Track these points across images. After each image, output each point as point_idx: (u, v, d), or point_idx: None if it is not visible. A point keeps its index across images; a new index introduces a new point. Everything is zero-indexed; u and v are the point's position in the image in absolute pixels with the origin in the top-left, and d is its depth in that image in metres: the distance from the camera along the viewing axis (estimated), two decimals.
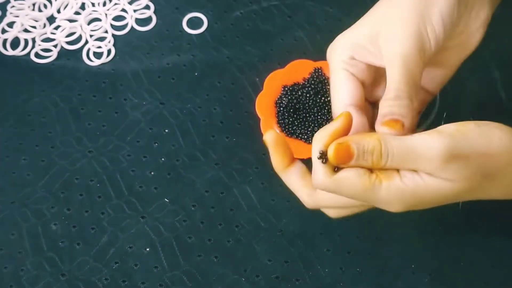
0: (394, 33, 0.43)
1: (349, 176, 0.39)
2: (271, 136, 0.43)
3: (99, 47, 0.66)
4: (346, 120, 0.40)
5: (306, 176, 0.44)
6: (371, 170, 0.40)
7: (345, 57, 0.46)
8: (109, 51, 0.66)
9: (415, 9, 0.43)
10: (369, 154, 0.38)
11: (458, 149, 0.38)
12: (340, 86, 0.46)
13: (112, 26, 0.68)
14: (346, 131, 0.40)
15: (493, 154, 0.39)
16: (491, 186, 0.40)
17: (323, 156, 0.39)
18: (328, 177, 0.39)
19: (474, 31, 0.47)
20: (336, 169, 0.40)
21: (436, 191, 0.39)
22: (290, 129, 0.58)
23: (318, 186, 0.41)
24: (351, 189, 0.40)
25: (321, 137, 0.40)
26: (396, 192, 0.39)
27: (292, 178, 0.44)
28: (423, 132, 0.39)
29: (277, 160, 0.44)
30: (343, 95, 0.45)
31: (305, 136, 0.58)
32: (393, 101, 0.42)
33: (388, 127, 0.40)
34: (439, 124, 0.41)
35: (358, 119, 0.44)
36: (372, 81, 0.48)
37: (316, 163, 0.40)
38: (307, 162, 0.44)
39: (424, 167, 0.39)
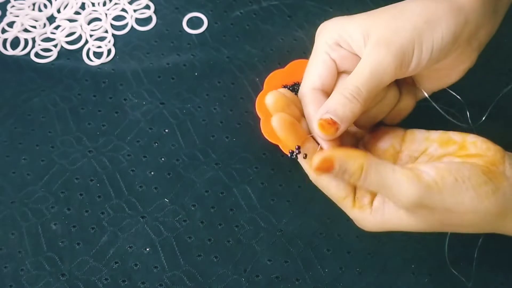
0: (385, 38, 0.44)
1: (327, 185, 0.44)
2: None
3: (99, 47, 0.66)
4: (282, 125, 0.43)
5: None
6: None
7: (330, 40, 0.46)
8: (109, 51, 0.66)
9: (414, 31, 0.44)
10: (347, 174, 0.40)
11: (428, 201, 0.40)
12: (314, 67, 0.47)
13: (112, 26, 0.68)
14: (289, 130, 0.43)
15: (459, 213, 0.41)
16: (454, 230, 0.44)
17: (292, 153, 0.43)
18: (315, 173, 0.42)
19: (456, 71, 0.49)
20: None
21: (400, 222, 0.43)
22: None
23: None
24: (329, 194, 0.45)
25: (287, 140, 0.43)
26: (364, 220, 0.44)
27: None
28: (405, 170, 0.40)
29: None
30: (313, 77, 0.46)
31: None
32: (344, 99, 0.43)
33: (322, 130, 0.43)
34: None
35: (321, 103, 0.45)
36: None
37: (303, 162, 0.44)
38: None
39: (394, 202, 0.42)
